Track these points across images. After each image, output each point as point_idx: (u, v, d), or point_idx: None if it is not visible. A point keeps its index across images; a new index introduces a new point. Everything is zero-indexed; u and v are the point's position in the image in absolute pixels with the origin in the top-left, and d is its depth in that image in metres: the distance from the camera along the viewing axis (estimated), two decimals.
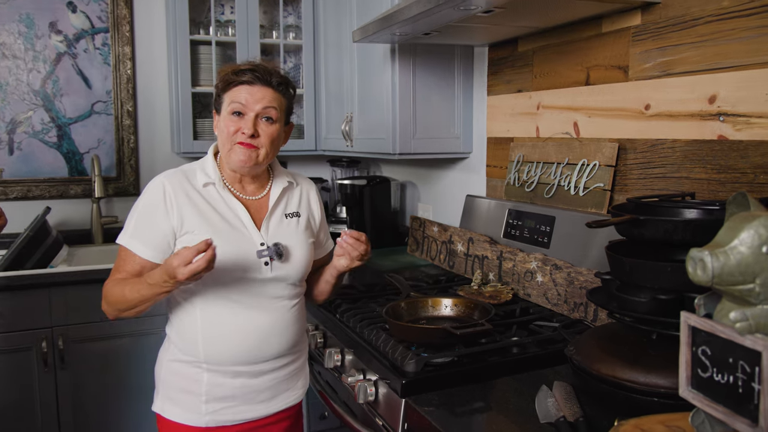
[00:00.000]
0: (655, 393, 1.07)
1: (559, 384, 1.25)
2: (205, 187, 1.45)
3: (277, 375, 1.49)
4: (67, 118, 2.99)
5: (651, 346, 1.15)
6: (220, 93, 1.46)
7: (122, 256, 1.43)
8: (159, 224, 1.40)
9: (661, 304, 1.09)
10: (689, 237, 1.09)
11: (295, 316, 1.51)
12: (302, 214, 1.56)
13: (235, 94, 1.42)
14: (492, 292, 1.90)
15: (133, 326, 2.46)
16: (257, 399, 1.47)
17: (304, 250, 1.50)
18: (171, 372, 1.47)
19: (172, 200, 1.41)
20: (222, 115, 1.45)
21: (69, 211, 3.03)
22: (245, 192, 1.50)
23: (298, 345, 1.54)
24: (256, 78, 1.41)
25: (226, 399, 1.44)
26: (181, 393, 1.45)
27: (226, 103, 1.43)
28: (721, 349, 0.73)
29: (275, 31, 3.12)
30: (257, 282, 1.43)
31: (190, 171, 1.47)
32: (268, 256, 1.43)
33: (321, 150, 3.12)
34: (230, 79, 1.43)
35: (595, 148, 1.80)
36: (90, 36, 3.00)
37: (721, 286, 0.72)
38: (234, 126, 1.41)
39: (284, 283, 1.47)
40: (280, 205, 1.52)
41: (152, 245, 1.40)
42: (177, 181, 1.44)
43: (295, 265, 1.48)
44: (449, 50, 2.36)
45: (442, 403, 1.26)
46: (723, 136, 1.44)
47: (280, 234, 1.48)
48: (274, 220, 1.49)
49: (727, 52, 1.42)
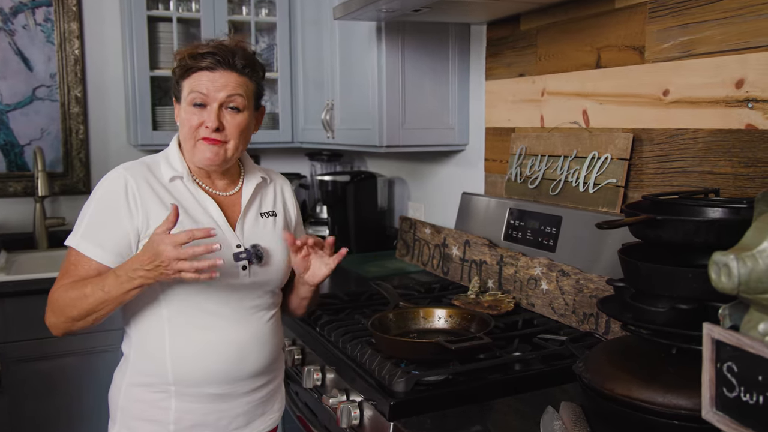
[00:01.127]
0: (675, 415, 1.07)
1: (567, 405, 1.25)
2: (171, 181, 1.43)
3: (253, 398, 1.48)
4: (4, 104, 2.95)
5: (670, 362, 1.15)
6: (178, 80, 1.43)
7: (72, 261, 1.38)
8: (120, 224, 1.36)
9: (682, 314, 1.10)
10: (713, 239, 1.10)
11: (273, 328, 1.51)
12: (278, 214, 1.55)
13: (195, 82, 1.39)
14: (491, 302, 1.91)
15: (83, 343, 2.43)
16: (231, 426, 1.46)
17: (283, 252, 1.50)
18: (131, 399, 1.43)
19: (135, 196, 1.37)
20: (182, 106, 1.43)
21: (7, 212, 2.99)
22: (215, 187, 1.49)
23: (276, 362, 1.54)
24: (217, 62, 1.39)
25: (196, 427, 1.43)
26: (143, 423, 1.42)
27: (185, 92, 1.41)
28: (750, 366, 0.73)
29: (245, 7, 3.10)
30: (233, 289, 1.42)
31: (153, 163, 1.45)
32: (246, 259, 1.42)
33: (298, 142, 3.11)
34: (187, 64, 1.40)
35: (607, 140, 1.81)
36: (30, 10, 2.97)
37: (749, 295, 0.72)
38: (196, 119, 1.39)
39: (262, 290, 1.47)
40: (255, 203, 1.51)
41: (110, 248, 1.36)
42: (140, 174, 1.40)
43: (275, 270, 1.48)
44: (443, 29, 2.36)
45: (435, 426, 1.26)
46: (751, 125, 1.45)
47: (257, 235, 1.48)
48: (249, 220, 1.49)
49: (756, 29, 1.43)
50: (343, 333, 1.69)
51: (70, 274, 1.37)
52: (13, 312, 2.35)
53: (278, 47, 3.06)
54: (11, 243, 2.91)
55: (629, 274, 1.21)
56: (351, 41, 2.49)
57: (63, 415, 2.46)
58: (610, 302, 1.30)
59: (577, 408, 1.24)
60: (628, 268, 1.20)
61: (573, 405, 1.25)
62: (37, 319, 2.35)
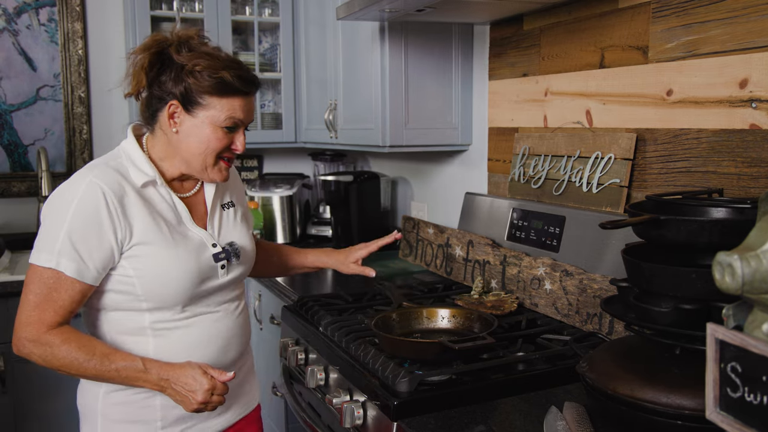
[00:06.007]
0: (678, 415, 1.07)
1: (571, 405, 1.25)
2: (144, 187, 1.37)
3: (233, 382, 1.51)
4: (8, 104, 2.96)
5: (674, 362, 1.15)
6: (202, 92, 1.34)
7: (49, 284, 1.27)
8: (105, 238, 1.30)
9: (685, 314, 1.10)
10: (716, 239, 1.10)
11: (244, 316, 1.58)
12: (236, 203, 1.59)
13: (234, 106, 1.36)
14: (495, 302, 1.91)
15: None
16: (215, 412, 1.50)
17: (249, 242, 1.56)
18: (111, 403, 1.41)
19: (115, 207, 1.31)
20: (203, 121, 1.36)
21: (11, 212, 3.00)
22: (183, 189, 1.47)
23: (248, 345, 1.62)
24: (255, 89, 1.41)
25: (184, 420, 1.46)
26: (128, 425, 1.42)
27: (216, 111, 1.35)
28: (754, 366, 0.73)
29: (249, 7, 3.11)
30: (215, 289, 1.46)
31: (121, 167, 1.37)
32: (225, 258, 1.46)
33: (301, 142, 3.11)
34: (231, 84, 1.34)
35: (611, 140, 1.81)
36: (33, 10, 2.98)
37: (753, 295, 0.72)
38: (226, 140, 1.39)
39: (236, 284, 1.53)
40: (216, 197, 1.52)
41: (95, 266, 1.30)
42: (114, 182, 1.32)
43: (247, 261, 1.54)
44: (446, 29, 2.36)
45: (439, 426, 1.26)
46: (756, 125, 1.45)
47: (228, 231, 1.52)
48: (216, 217, 1.51)
49: (760, 29, 1.43)
50: (346, 333, 1.69)
51: (52, 304, 1.28)
52: (16, 312, 2.36)
53: (281, 47, 3.06)
54: (15, 243, 2.91)
55: (633, 274, 1.21)
56: (354, 41, 2.49)
57: (66, 415, 2.47)
58: (613, 302, 1.30)
59: (581, 408, 1.24)
60: (632, 268, 1.20)
61: (576, 405, 1.25)
62: None
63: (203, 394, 1.27)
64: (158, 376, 1.29)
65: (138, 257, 1.34)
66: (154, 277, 1.35)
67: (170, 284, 1.36)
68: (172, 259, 1.36)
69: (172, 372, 1.29)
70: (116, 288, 1.36)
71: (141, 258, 1.34)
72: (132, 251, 1.34)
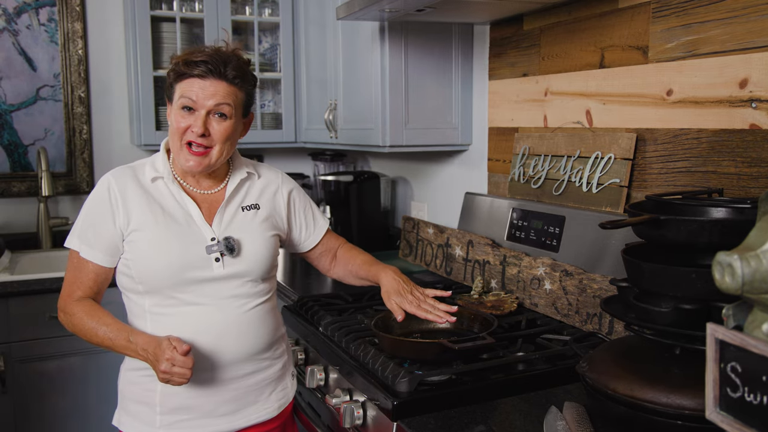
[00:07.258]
0: (678, 415, 1.07)
1: (571, 405, 1.25)
2: (153, 182, 1.51)
3: (240, 385, 1.51)
4: (8, 104, 2.96)
5: (674, 362, 1.15)
6: (172, 82, 1.49)
7: (75, 264, 1.50)
8: (106, 226, 1.47)
9: (685, 314, 1.10)
10: (716, 239, 1.10)
11: (258, 317, 1.54)
12: (262, 207, 1.60)
13: (186, 88, 1.45)
14: (494, 302, 1.91)
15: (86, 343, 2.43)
16: (218, 411, 1.50)
17: (260, 243, 1.55)
18: (127, 382, 1.54)
19: (117, 198, 1.47)
20: (173, 108, 1.49)
21: (11, 212, 3.00)
22: (200, 186, 1.55)
23: (267, 351, 1.56)
24: (209, 71, 1.44)
25: (181, 410, 1.48)
26: (136, 404, 1.51)
27: (176, 95, 1.47)
28: (754, 366, 0.73)
29: (249, 7, 3.11)
30: (208, 280, 1.48)
31: (139, 166, 1.55)
32: (218, 251, 1.48)
33: (301, 142, 3.11)
34: (180, 70, 1.46)
35: (611, 140, 1.81)
36: (33, 10, 2.98)
37: (753, 295, 0.72)
38: (184, 122, 1.45)
39: (242, 280, 1.52)
40: (237, 197, 1.57)
41: (101, 248, 1.48)
42: (124, 177, 1.51)
43: (252, 260, 1.53)
44: (446, 29, 2.36)
45: (439, 426, 1.26)
46: (756, 125, 1.45)
47: (234, 227, 1.53)
48: (228, 214, 1.54)
49: (760, 29, 1.43)
50: (346, 333, 1.69)
51: (76, 280, 1.49)
52: (17, 312, 2.36)
53: (281, 47, 3.06)
54: (15, 243, 2.91)
55: (633, 274, 1.21)
56: (354, 41, 2.49)
57: (67, 415, 2.47)
58: (613, 302, 1.30)
59: (581, 408, 1.24)
60: (632, 268, 1.20)
61: (576, 405, 1.25)
62: (41, 320, 2.37)
63: (163, 364, 1.33)
64: (139, 346, 1.39)
65: (134, 242, 1.47)
66: (142, 260, 1.46)
67: (155, 267, 1.46)
68: (159, 245, 1.46)
69: (150, 343, 1.38)
70: (123, 270, 1.50)
71: (136, 243, 1.47)
72: (131, 237, 1.47)
